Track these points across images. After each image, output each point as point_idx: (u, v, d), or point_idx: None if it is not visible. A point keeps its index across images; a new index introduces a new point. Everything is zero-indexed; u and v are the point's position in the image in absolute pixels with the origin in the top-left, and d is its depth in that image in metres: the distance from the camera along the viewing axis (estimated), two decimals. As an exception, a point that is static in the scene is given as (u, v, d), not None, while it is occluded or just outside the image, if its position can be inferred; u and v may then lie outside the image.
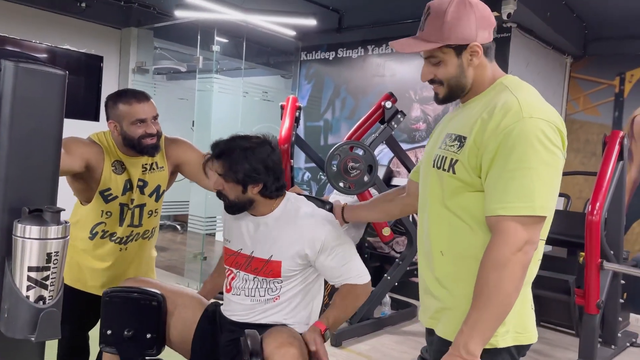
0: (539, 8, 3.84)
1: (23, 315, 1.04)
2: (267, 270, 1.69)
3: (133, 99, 1.85)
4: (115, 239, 1.97)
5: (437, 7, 1.29)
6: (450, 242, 1.31)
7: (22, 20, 4.66)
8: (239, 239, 1.77)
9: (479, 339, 1.16)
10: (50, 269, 1.05)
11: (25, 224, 1.04)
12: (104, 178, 1.87)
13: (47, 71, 1.10)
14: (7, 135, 1.07)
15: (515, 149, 1.16)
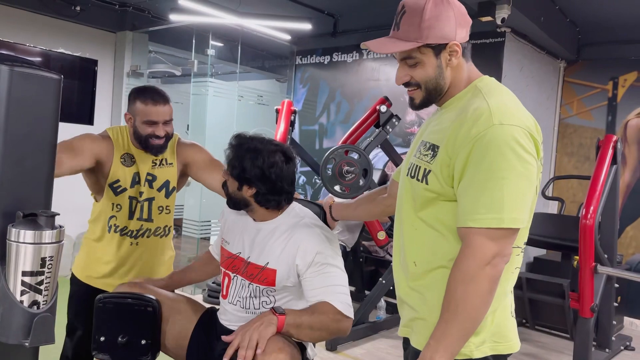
0: (533, 13, 3.87)
1: (17, 320, 1.03)
2: (262, 278, 1.65)
3: (150, 100, 1.91)
4: (126, 233, 2.00)
5: (413, 5, 1.23)
6: (423, 252, 1.26)
7: (17, 23, 4.65)
8: (238, 241, 1.74)
9: (445, 352, 1.13)
10: (44, 273, 1.04)
11: (19, 228, 1.04)
12: (112, 171, 1.93)
13: (42, 75, 1.10)
14: (1, 139, 1.07)
15: (486, 157, 1.12)
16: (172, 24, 5.04)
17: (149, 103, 1.90)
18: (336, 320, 1.55)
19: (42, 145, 1.12)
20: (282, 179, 1.63)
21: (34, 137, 1.10)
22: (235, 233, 1.76)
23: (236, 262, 1.72)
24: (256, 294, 1.67)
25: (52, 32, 4.87)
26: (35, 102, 1.10)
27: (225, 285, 1.77)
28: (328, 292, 1.57)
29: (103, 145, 1.94)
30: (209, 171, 2.04)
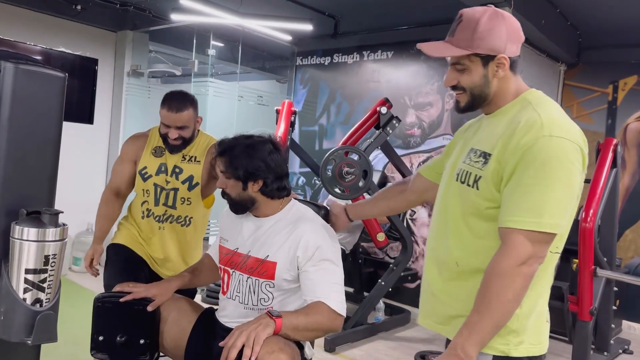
0: (534, 16, 3.87)
1: (19, 318, 1.03)
2: (262, 271, 1.67)
3: (166, 106, 2.14)
4: (154, 217, 2.24)
5: (470, 16, 1.32)
6: (468, 255, 1.33)
7: (17, 22, 4.64)
8: (236, 238, 1.77)
9: (475, 341, 1.20)
10: (47, 271, 1.04)
11: (22, 225, 1.03)
12: (142, 160, 2.23)
13: (47, 73, 1.10)
14: (5, 137, 1.07)
15: (533, 165, 1.19)
16: (173, 24, 5.03)
17: (165, 108, 2.14)
18: (331, 319, 1.59)
19: (46, 143, 1.12)
20: (281, 163, 1.71)
21: (38, 134, 1.10)
22: (233, 230, 1.79)
23: (234, 258, 1.75)
24: (255, 288, 1.69)
25: (52, 31, 4.87)
26: (39, 100, 1.10)
27: (225, 282, 1.78)
28: (324, 291, 1.60)
29: (137, 143, 2.28)
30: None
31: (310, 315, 1.57)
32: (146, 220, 2.25)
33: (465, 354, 1.19)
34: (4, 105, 1.07)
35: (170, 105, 2.13)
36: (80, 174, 5.00)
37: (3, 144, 1.07)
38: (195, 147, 2.26)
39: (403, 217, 4.60)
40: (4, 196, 1.07)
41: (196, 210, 2.28)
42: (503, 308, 1.20)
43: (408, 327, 4.29)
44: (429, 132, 4.52)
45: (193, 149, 2.26)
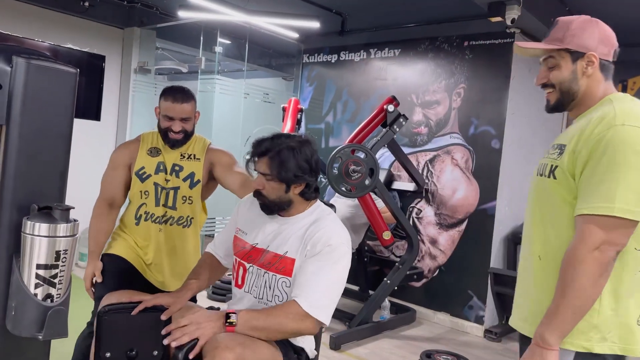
0: (543, 14, 3.85)
1: (30, 313, 1.03)
2: (280, 266, 1.65)
3: (170, 97, 2.12)
4: (154, 219, 2.18)
5: (565, 19, 1.42)
6: (549, 248, 1.36)
7: (25, 18, 4.66)
8: (257, 233, 1.73)
9: (555, 329, 1.23)
10: (59, 266, 1.04)
11: (34, 221, 1.04)
12: (137, 161, 2.17)
13: (59, 69, 1.10)
14: (17, 132, 1.07)
15: (606, 154, 1.22)
16: (180, 21, 5.03)
17: (169, 100, 2.11)
18: (297, 321, 1.54)
19: (57, 139, 1.12)
20: (320, 164, 1.71)
21: (50, 130, 1.10)
22: (255, 224, 1.75)
23: (252, 253, 1.73)
24: (271, 284, 1.67)
25: (60, 28, 4.88)
26: (51, 95, 1.10)
27: (240, 275, 1.76)
28: (305, 290, 1.56)
29: (130, 147, 2.22)
30: (230, 172, 2.19)
31: (272, 316, 1.53)
32: (143, 225, 2.17)
33: (545, 342, 1.22)
34: (16, 101, 1.07)
35: (175, 97, 2.11)
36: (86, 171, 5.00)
37: (15, 140, 1.07)
38: (192, 146, 2.24)
39: (409, 216, 4.59)
40: (15, 191, 1.08)
41: (197, 210, 2.24)
42: (579, 294, 1.21)
43: (414, 326, 4.29)
44: (436, 131, 4.51)
45: (191, 147, 2.23)
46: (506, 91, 4.11)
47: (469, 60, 4.32)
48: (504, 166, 4.16)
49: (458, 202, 4.35)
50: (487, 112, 4.22)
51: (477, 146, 4.27)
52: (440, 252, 4.45)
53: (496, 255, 4.25)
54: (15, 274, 1.05)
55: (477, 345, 3.99)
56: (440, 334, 4.19)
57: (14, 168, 1.07)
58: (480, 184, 4.24)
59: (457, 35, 4.39)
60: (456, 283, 4.34)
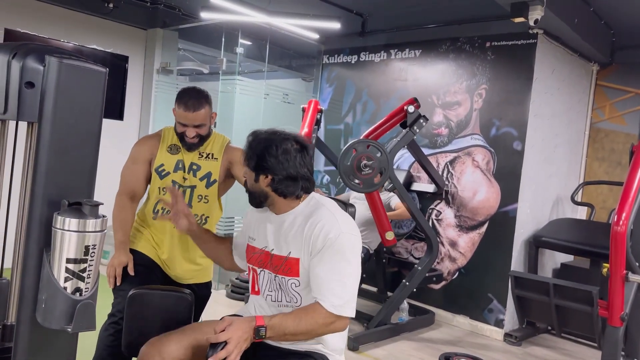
0: (567, 15, 3.80)
1: (60, 306, 1.05)
2: (286, 268, 1.65)
3: (183, 106, 2.14)
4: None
5: None
6: None
7: (51, 19, 4.76)
8: (263, 237, 1.74)
9: None
10: (87, 261, 1.07)
11: (64, 216, 1.06)
12: (157, 158, 2.21)
13: (90, 68, 1.12)
14: (48, 130, 1.09)
15: None
16: (202, 22, 5.09)
17: (182, 108, 2.14)
18: (326, 324, 1.57)
19: (87, 136, 1.14)
20: (297, 165, 1.65)
21: (80, 128, 1.13)
22: (260, 229, 1.76)
23: (262, 257, 1.73)
24: (283, 287, 1.67)
25: (85, 29, 4.98)
26: (82, 94, 1.12)
27: (254, 281, 1.77)
28: (323, 290, 1.57)
29: (150, 142, 2.25)
30: None
31: (302, 322, 1.55)
32: (159, 220, 2.21)
33: None
34: (48, 99, 1.10)
35: (187, 105, 2.12)
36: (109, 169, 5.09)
37: (47, 137, 1.10)
38: (211, 145, 2.26)
39: (429, 218, 4.57)
40: (46, 187, 1.10)
41: (212, 209, 2.27)
42: None
43: (432, 328, 4.27)
44: (456, 132, 4.48)
45: (209, 146, 2.25)
46: (529, 93, 4.07)
47: (490, 61, 4.28)
48: (525, 168, 4.12)
49: (479, 204, 4.31)
50: (509, 114, 4.18)
51: (499, 148, 4.23)
52: (460, 255, 4.42)
53: (517, 258, 4.21)
54: (45, 267, 1.08)
55: (496, 349, 3.95)
56: (459, 337, 4.15)
57: (46, 164, 1.10)
58: (502, 186, 4.20)
59: (479, 36, 4.35)
60: (476, 286, 4.31)
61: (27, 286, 1.09)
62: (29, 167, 1.13)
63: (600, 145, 4.84)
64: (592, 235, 4.11)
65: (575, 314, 3.67)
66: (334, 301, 1.55)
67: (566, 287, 3.68)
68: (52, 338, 1.13)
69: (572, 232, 4.27)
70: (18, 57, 1.10)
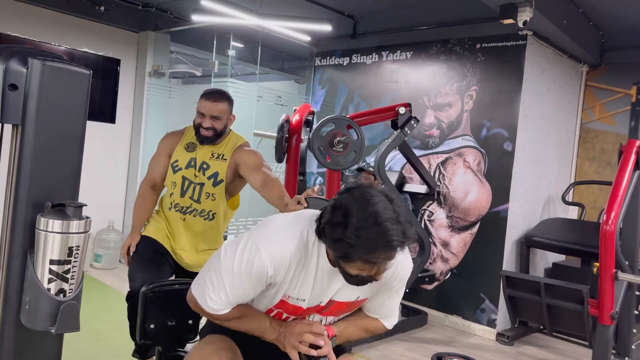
0: (556, 16, 3.83)
1: (44, 307, 1.06)
2: (353, 307, 1.63)
3: (205, 96, 2.32)
4: (178, 209, 2.36)
5: None
6: None
7: (42, 22, 4.74)
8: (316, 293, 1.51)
9: None
10: (71, 262, 1.07)
11: (48, 218, 1.07)
12: (175, 154, 2.37)
13: (73, 70, 1.13)
14: (32, 132, 1.10)
15: None
16: (193, 25, 5.09)
17: (203, 98, 2.31)
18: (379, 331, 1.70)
19: (71, 138, 1.15)
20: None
21: (64, 130, 1.13)
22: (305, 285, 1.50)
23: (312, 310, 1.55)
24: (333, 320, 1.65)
25: (76, 32, 4.97)
26: (65, 96, 1.13)
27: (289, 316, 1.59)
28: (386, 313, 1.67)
29: (173, 138, 2.43)
30: (253, 172, 2.30)
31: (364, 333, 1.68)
32: (173, 212, 2.38)
33: None
34: (31, 101, 1.10)
35: (209, 96, 2.31)
36: (102, 173, 5.08)
37: (30, 139, 1.10)
38: (224, 146, 2.38)
39: (421, 219, 4.58)
40: (30, 189, 1.11)
41: (219, 207, 2.38)
42: None
43: (425, 329, 4.28)
44: (447, 133, 4.50)
45: (222, 147, 2.37)
46: (519, 93, 4.09)
47: (481, 62, 4.31)
48: (516, 169, 4.14)
49: (470, 205, 4.33)
50: (499, 115, 4.21)
51: (490, 148, 4.25)
52: (452, 255, 4.43)
53: (508, 258, 4.23)
54: (29, 269, 1.08)
55: (489, 348, 3.97)
56: (452, 337, 4.17)
57: (29, 167, 1.10)
58: (493, 187, 4.22)
59: (469, 37, 4.38)
60: (468, 286, 4.32)
61: (11, 288, 1.10)
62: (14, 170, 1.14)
63: (590, 145, 4.87)
64: (583, 234, 4.14)
65: (566, 313, 3.69)
66: (393, 320, 1.70)
67: (557, 286, 3.70)
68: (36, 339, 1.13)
69: (563, 231, 4.30)
70: (1, 60, 1.11)
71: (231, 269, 1.41)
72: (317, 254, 1.46)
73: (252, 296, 1.51)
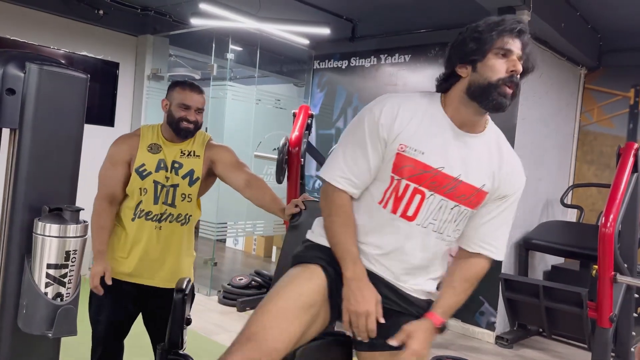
0: (553, 19, 3.84)
1: (41, 311, 1.06)
2: (474, 200, 1.43)
3: (187, 87, 2.15)
4: (151, 217, 2.12)
5: None
6: None
7: (41, 26, 4.75)
8: (439, 154, 1.40)
9: None
10: (68, 266, 1.07)
11: (45, 222, 1.07)
12: (137, 158, 2.12)
13: (70, 74, 1.13)
14: (29, 136, 1.10)
15: None
16: (192, 28, 5.10)
17: (187, 89, 2.13)
18: (480, 276, 1.50)
19: (68, 142, 1.15)
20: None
21: (61, 134, 1.14)
22: (433, 143, 1.40)
23: (438, 178, 1.40)
24: (456, 217, 1.44)
25: (75, 35, 4.97)
26: (62, 100, 1.13)
27: (413, 204, 1.42)
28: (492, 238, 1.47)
29: (129, 142, 2.17)
30: (234, 170, 2.16)
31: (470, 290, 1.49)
32: (138, 222, 2.12)
33: None
34: (29, 105, 1.10)
35: (192, 87, 2.15)
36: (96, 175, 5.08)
37: (27, 143, 1.10)
38: (192, 142, 2.20)
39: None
40: (27, 193, 1.11)
41: (194, 208, 2.21)
42: None
43: (424, 332, 4.27)
44: (446, 136, 4.50)
45: (191, 144, 2.19)
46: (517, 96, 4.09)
47: (479, 65, 4.31)
48: (515, 171, 4.14)
49: (469, 208, 4.33)
50: (497, 117, 4.16)
51: (488, 151, 4.25)
52: (451, 258, 4.43)
53: (507, 260, 4.22)
54: (26, 273, 1.08)
55: (488, 351, 3.96)
56: (451, 340, 4.16)
57: (26, 171, 1.10)
58: (491, 189, 4.22)
59: (468, 40, 4.38)
60: (467, 289, 4.31)
61: (9, 292, 1.10)
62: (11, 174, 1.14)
63: (589, 147, 4.88)
64: (581, 237, 4.14)
65: (565, 316, 3.69)
66: (502, 248, 1.49)
67: (556, 289, 3.70)
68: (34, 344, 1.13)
69: (562, 234, 4.30)
70: (-1, 64, 1.11)
71: (345, 137, 1.47)
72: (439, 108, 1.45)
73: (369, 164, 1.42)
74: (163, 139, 2.17)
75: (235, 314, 4.29)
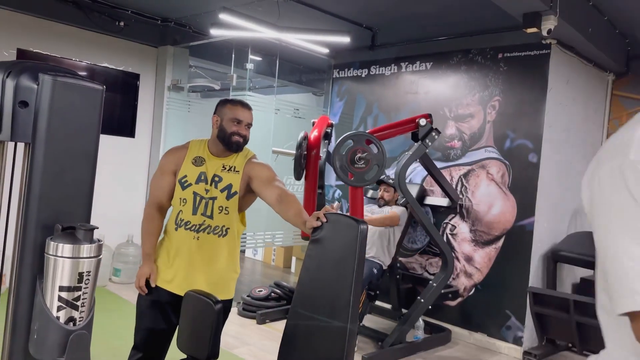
0: (580, 24, 3.72)
1: (52, 336, 1.00)
2: None
3: (239, 104, 2.29)
4: (189, 227, 2.23)
5: None
6: None
7: (63, 39, 4.80)
8: None
9: None
10: (81, 289, 1.02)
11: (57, 241, 1.01)
12: (182, 169, 2.27)
13: (85, 85, 1.08)
14: (42, 151, 1.05)
15: None
16: (212, 39, 5.09)
17: (238, 106, 2.28)
18: None
19: (83, 157, 1.10)
20: None
21: (75, 148, 1.09)
22: None
23: None
24: None
25: (97, 47, 5.01)
26: (77, 113, 1.08)
27: None
28: None
29: (177, 154, 2.32)
30: (268, 186, 2.22)
31: None
32: (180, 231, 2.23)
33: None
34: (42, 118, 1.06)
35: (244, 104, 2.29)
36: (121, 186, 5.09)
37: (40, 158, 1.06)
38: (235, 158, 2.29)
39: (443, 232, 4.47)
40: (40, 211, 1.06)
41: (233, 221, 2.27)
42: None
43: (449, 347, 4.14)
44: (469, 144, 4.39)
45: (233, 159, 2.29)
46: (543, 103, 3.98)
47: (503, 72, 4.21)
48: (542, 181, 4.01)
49: (494, 218, 4.21)
50: (523, 125, 4.09)
51: (514, 160, 4.13)
52: (476, 270, 4.31)
53: (535, 273, 4.08)
54: (38, 295, 1.03)
55: (516, 368, 3.82)
56: (476, 355, 4.03)
57: (39, 187, 1.05)
58: (518, 200, 4.10)
59: (491, 47, 4.29)
60: (493, 302, 4.18)
61: (20, 315, 1.04)
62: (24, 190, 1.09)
63: (618, 156, 4.71)
64: (613, 249, 3.98)
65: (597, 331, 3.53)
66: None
67: (588, 303, 3.55)
68: (46, 369, 1.07)
69: (592, 245, 4.13)
70: (12, 76, 1.06)
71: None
72: None
73: None
74: (208, 152, 2.28)
75: (254, 326, 4.22)
